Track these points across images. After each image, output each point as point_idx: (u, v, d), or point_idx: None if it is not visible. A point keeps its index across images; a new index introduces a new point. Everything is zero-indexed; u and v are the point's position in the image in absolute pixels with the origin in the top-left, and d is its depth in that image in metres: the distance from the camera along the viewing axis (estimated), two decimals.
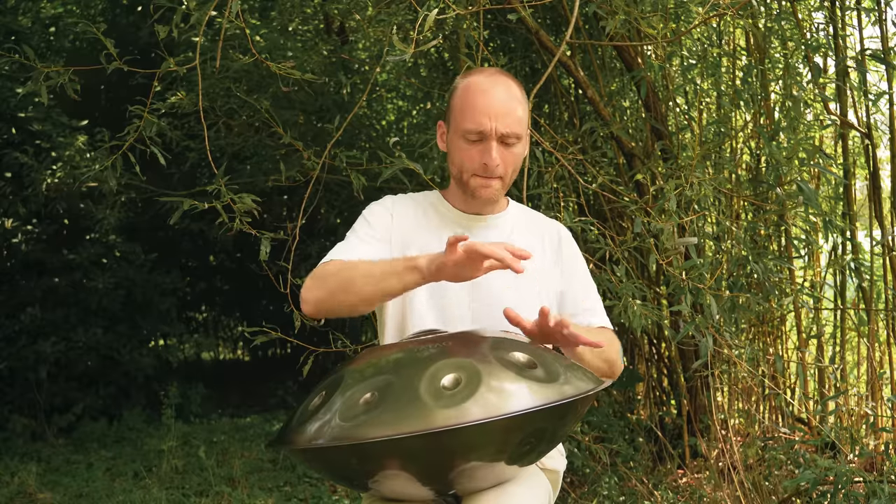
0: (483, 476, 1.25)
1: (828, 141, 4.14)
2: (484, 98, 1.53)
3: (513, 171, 1.58)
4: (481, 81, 1.55)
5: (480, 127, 1.52)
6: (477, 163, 1.54)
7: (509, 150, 1.55)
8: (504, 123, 1.52)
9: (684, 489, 3.46)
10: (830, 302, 3.89)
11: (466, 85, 1.57)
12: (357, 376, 1.25)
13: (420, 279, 1.37)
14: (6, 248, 5.69)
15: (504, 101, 1.53)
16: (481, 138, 1.53)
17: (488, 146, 1.53)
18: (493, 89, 1.53)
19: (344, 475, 1.32)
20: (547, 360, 1.25)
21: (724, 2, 2.74)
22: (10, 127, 5.33)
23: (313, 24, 5.08)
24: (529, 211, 1.76)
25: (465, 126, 1.54)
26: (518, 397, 1.14)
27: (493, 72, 1.58)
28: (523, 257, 1.30)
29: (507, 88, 1.55)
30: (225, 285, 7.69)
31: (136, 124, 2.79)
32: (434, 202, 1.68)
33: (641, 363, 4.34)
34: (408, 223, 1.63)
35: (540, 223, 1.72)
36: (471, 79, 1.57)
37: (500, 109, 1.52)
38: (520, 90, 1.58)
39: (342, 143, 3.54)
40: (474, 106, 1.53)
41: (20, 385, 5.39)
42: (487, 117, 1.51)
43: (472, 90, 1.55)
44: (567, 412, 1.21)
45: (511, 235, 1.64)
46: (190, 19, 2.77)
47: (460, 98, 1.57)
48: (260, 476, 4.27)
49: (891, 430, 3.35)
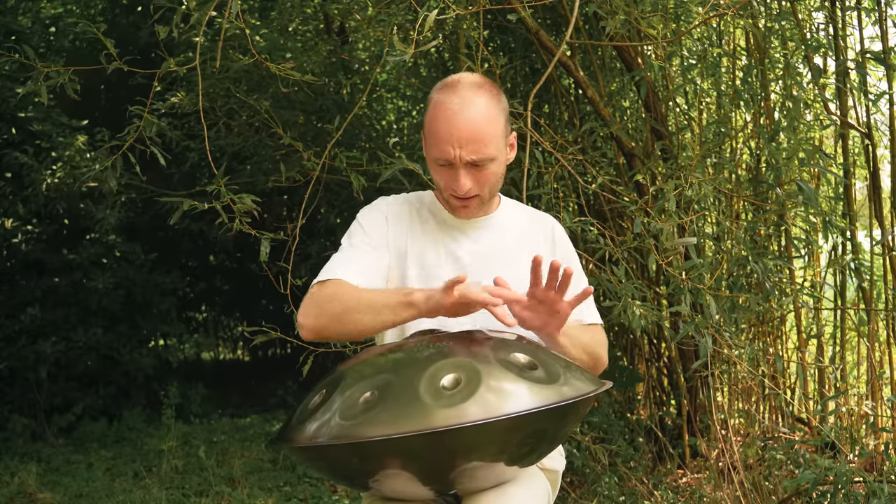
0: (484, 476, 1.26)
1: (828, 141, 4.14)
2: (448, 126, 1.46)
3: (490, 187, 1.55)
4: (449, 103, 1.47)
5: (446, 155, 1.47)
6: (449, 186, 1.53)
7: (482, 172, 1.50)
8: (470, 151, 1.46)
9: (684, 489, 3.46)
10: (830, 302, 3.90)
11: (435, 105, 1.49)
12: (357, 375, 1.25)
13: (416, 314, 1.39)
14: (6, 248, 5.69)
15: (471, 126, 1.45)
16: (449, 165, 1.49)
17: (456, 174, 1.49)
18: (460, 113, 1.45)
19: (344, 474, 1.32)
20: (547, 362, 1.25)
21: (724, 2, 2.74)
22: (10, 127, 5.33)
23: (313, 24, 5.08)
24: (522, 206, 1.75)
25: (432, 153, 1.51)
26: (517, 398, 1.15)
27: (466, 87, 1.49)
28: (518, 301, 1.38)
29: (477, 109, 1.46)
30: (225, 285, 7.70)
31: (137, 124, 2.79)
32: (428, 204, 1.67)
33: (641, 363, 4.34)
34: (402, 228, 1.61)
35: (534, 219, 1.71)
36: (440, 98, 1.49)
37: (465, 137, 1.45)
38: (493, 104, 1.49)
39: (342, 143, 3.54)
40: (438, 134, 1.47)
41: (20, 385, 5.39)
42: (451, 146, 1.46)
43: (439, 114, 1.48)
44: (566, 414, 1.22)
45: (505, 235, 1.64)
46: (190, 19, 2.77)
47: (429, 119, 1.51)
48: (260, 476, 4.27)
49: (891, 430, 3.35)
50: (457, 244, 1.61)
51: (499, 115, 1.51)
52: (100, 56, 2.59)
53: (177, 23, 2.58)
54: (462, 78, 1.52)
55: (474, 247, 1.61)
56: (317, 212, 5.53)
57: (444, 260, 1.59)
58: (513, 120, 2.90)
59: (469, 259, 1.60)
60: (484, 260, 1.60)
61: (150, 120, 2.77)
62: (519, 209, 1.73)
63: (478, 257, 1.60)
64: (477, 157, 1.47)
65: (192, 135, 4.63)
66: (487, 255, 1.61)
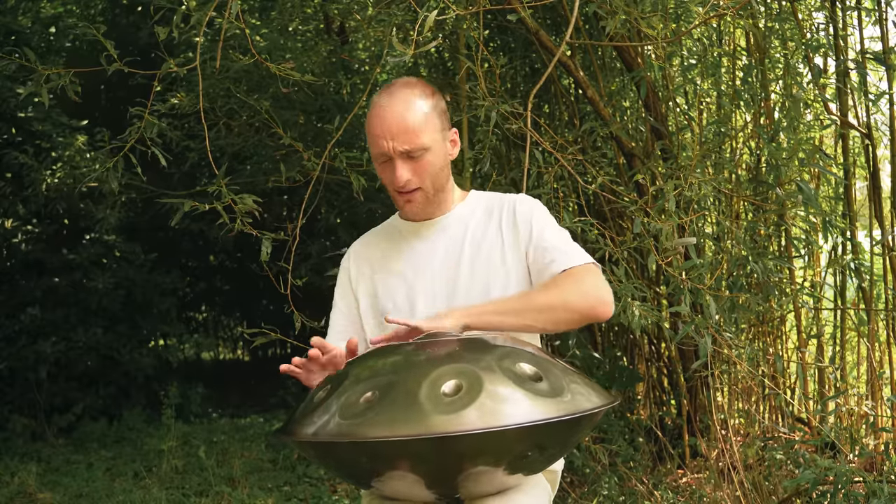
0: (487, 481, 1.25)
1: (828, 141, 4.14)
2: (379, 121, 1.53)
3: (432, 178, 1.57)
4: (380, 102, 1.55)
5: (381, 149, 1.54)
6: (391, 182, 1.57)
7: (419, 162, 1.55)
8: (402, 141, 1.51)
9: (684, 489, 3.46)
10: (830, 302, 3.90)
11: (371, 107, 1.57)
12: (362, 374, 1.25)
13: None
14: (6, 248, 5.70)
15: (399, 118, 1.51)
16: (387, 159, 1.55)
17: (393, 166, 1.54)
18: (389, 108, 1.53)
19: (345, 471, 1.33)
20: (554, 374, 1.23)
21: (724, 2, 2.74)
22: (10, 127, 5.34)
23: (313, 24, 5.08)
24: (488, 195, 1.72)
25: (372, 152, 1.57)
26: (515, 410, 1.13)
27: (397, 87, 1.57)
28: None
29: (405, 103, 1.53)
30: (225, 285, 7.70)
31: (137, 125, 2.79)
32: (392, 222, 1.74)
33: (641, 363, 4.34)
34: (366, 267, 1.70)
35: (493, 204, 1.67)
36: (375, 100, 1.57)
37: (396, 128, 1.51)
38: (423, 100, 1.55)
39: (342, 143, 3.54)
40: (372, 130, 1.54)
41: (20, 385, 5.40)
42: (384, 139, 1.52)
43: (372, 113, 1.55)
44: (567, 428, 1.20)
45: (466, 230, 1.64)
46: (190, 20, 2.76)
47: (367, 121, 1.58)
48: (260, 476, 4.27)
49: (891, 430, 3.36)
50: (412, 251, 1.65)
51: (430, 110, 1.56)
52: (100, 57, 2.59)
53: (177, 23, 2.58)
54: (396, 81, 1.60)
55: (429, 246, 1.64)
56: (317, 212, 5.53)
57: (405, 266, 1.64)
58: (512, 120, 2.92)
59: (426, 260, 1.62)
60: (442, 259, 1.61)
61: (150, 121, 2.77)
62: (484, 198, 1.70)
63: (434, 257, 1.62)
64: (410, 146, 1.52)
65: (192, 135, 4.63)
66: (443, 253, 1.62)
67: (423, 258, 1.63)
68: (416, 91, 1.56)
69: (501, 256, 1.60)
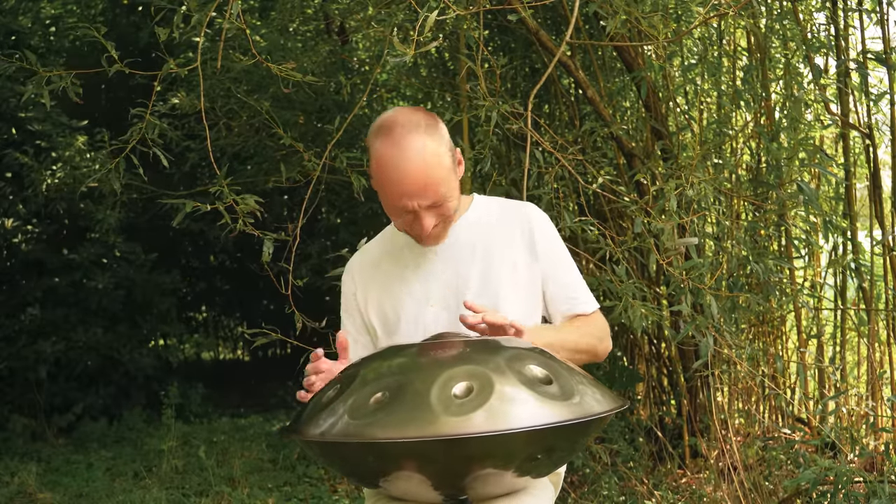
0: (495, 483, 1.25)
1: (828, 141, 4.14)
2: (398, 185, 1.44)
3: (447, 216, 1.53)
4: (389, 154, 1.44)
5: (405, 208, 1.47)
6: (414, 230, 1.53)
7: (441, 207, 1.49)
8: (426, 197, 1.45)
9: (684, 489, 3.46)
10: (830, 302, 3.90)
11: (377, 159, 1.46)
12: (372, 375, 1.25)
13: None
14: (6, 248, 5.70)
15: (421, 176, 1.43)
16: (410, 213, 1.49)
17: (417, 217, 1.49)
18: (404, 165, 1.43)
19: (352, 471, 1.33)
20: (564, 377, 1.23)
21: (724, 2, 2.74)
22: (11, 127, 5.34)
23: (313, 24, 5.08)
24: (497, 203, 1.69)
25: (388, 203, 1.49)
26: (525, 413, 1.13)
27: (400, 132, 1.44)
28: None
29: (419, 154, 1.43)
30: (225, 285, 7.69)
31: (139, 126, 2.79)
32: (394, 232, 1.66)
33: (641, 363, 4.34)
34: (369, 276, 1.66)
35: (509, 213, 1.65)
36: (380, 150, 1.46)
37: (417, 188, 1.44)
38: (432, 141, 1.45)
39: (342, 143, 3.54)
40: (390, 191, 1.46)
41: (20, 385, 5.40)
42: (406, 199, 1.45)
43: (383, 168, 1.45)
44: (576, 432, 1.20)
45: (476, 240, 1.60)
46: (190, 20, 2.76)
47: (374, 172, 1.49)
48: (260, 476, 4.28)
49: (891, 430, 3.36)
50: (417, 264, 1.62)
51: (441, 150, 1.48)
52: (100, 57, 2.58)
53: (177, 24, 2.58)
54: (396, 120, 1.47)
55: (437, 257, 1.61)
56: (317, 212, 5.54)
57: (412, 277, 1.61)
58: (512, 120, 2.92)
59: (434, 271, 1.60)
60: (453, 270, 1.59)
61: (151, 121, 2.77)
62: (494, 206, 1.67)
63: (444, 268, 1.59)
64: (434, 199, 1.47)
65: (193, 135, 4.63)
66: (454, 264, 1.59)
67: (431, 269, 1.60)
68: (421, 131, 1.45)
69: (514, 272, 1.58)
